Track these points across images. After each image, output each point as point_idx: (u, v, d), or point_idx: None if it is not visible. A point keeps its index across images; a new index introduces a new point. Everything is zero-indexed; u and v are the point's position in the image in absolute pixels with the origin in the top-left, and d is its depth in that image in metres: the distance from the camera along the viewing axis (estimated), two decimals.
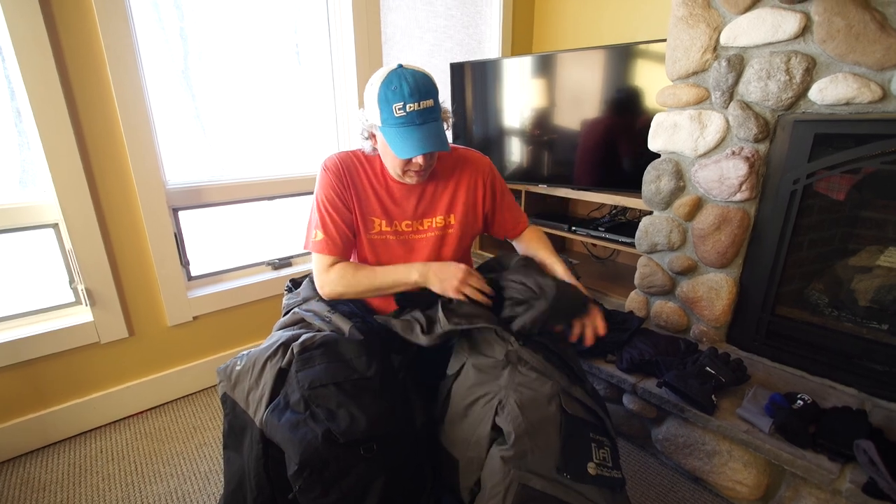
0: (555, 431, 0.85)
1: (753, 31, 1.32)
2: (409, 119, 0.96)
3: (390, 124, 0.98)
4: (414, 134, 0.96)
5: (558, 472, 0.82)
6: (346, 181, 1.09)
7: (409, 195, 1.13)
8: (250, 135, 1.89)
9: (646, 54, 1.77)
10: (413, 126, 0.96)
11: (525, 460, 0.83)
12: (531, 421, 0.85)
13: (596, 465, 0.83)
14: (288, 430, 0.84)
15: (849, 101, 1.20)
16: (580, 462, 0.83)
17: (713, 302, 1.56)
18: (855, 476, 1.06)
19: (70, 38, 1.36)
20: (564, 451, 0.83)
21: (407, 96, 0.95)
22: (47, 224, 1.48)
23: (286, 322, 1.11)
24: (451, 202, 1.15)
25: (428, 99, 0.97)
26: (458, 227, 1.16)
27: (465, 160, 1.19)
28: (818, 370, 1.41)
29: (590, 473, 0.82)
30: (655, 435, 1.45)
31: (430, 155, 1.03)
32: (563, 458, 0.83)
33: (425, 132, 0.97)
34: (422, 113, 0.96)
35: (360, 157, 1.13)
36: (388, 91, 0.96)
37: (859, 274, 1.46)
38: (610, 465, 0.86)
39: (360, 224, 1.11)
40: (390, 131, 0.98)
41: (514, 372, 0.92)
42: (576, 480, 0.81)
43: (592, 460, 0.84)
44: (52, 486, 1.39)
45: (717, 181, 1.47)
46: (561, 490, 0.81)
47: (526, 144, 2.23)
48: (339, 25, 1.97)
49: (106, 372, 1.63)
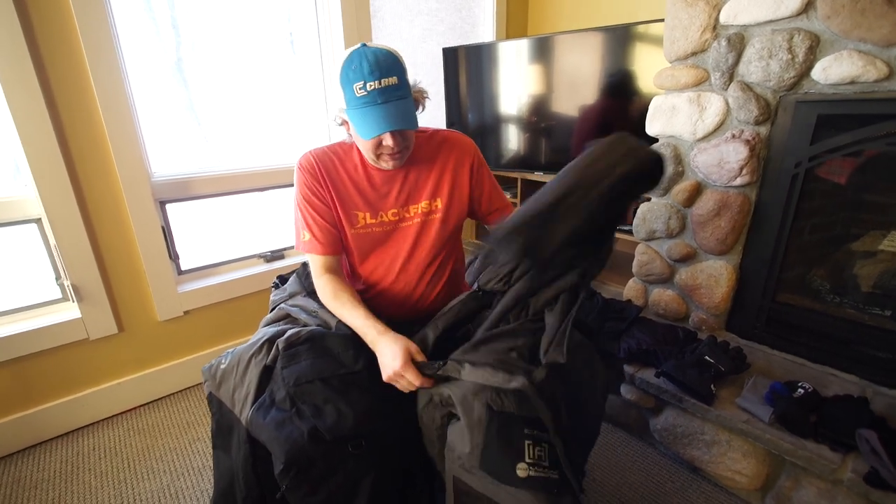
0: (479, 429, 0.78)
1: (754, 8, 1.26)
2: (370, 98, 0.91)
3: (353, 105, 0.94)
4: (376, 113, 0.92)
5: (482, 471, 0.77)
6: (321, 179, 1.05)
7: (391, 182, 1.08)
8: (245, 125, 1.85)
9: (645, 36, 1.72)
10: (374, 105, 0.92)
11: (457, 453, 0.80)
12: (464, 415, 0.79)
13: (528, 466, 0.75)
14: (273, 428, 0.81)
15: (853, 79, 1.16)
16: (506, 463, 0.75)
17: (712, 289, 1.53)
18: (857, 466, 1.04)
19: (45, 28, 1.31)
20: (486, 451, 0.77)
21: (367, 74, 0.90)
22: (30, 219, 1.45)
23: (272, 318, 1.08)
24: (437, 186, 1.10)
25: (390, 76, 0.92)
26: (443, 211, 1.11)
27: (449, 142, 1.14)
28: (819, 358, 1.39)
29: (518, 476, 0.74)
30: (654, 425, 1.43)
31: (402, 136, 0.98)
32: (483, 457, 0.77)
33: (389, 110, 0.92)
34: (384, 91, 0.92)
35: (337, 152, 1.09)
36: (350, 71, 0.92)
37: (862, 259, 1.42)
38: (546, 465, 0.76)
39: (343, 220, 1.07)
40: (354, 113, 0.94)
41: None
42: (501, 482, 0.75)
43: (524, 460, 0.75)
44: (44, 485, 1.38)
45: (716, 165, 1.43)
46: (491, 489, 0.76)
47: (522, 131, 2.18)
48: (328, 10, 1.91)
49: (96, 368, 1.61)
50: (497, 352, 0.82)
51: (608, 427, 1.57)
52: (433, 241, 1.10)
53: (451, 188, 1.11)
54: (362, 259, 1.11)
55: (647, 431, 1.46)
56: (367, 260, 1.11)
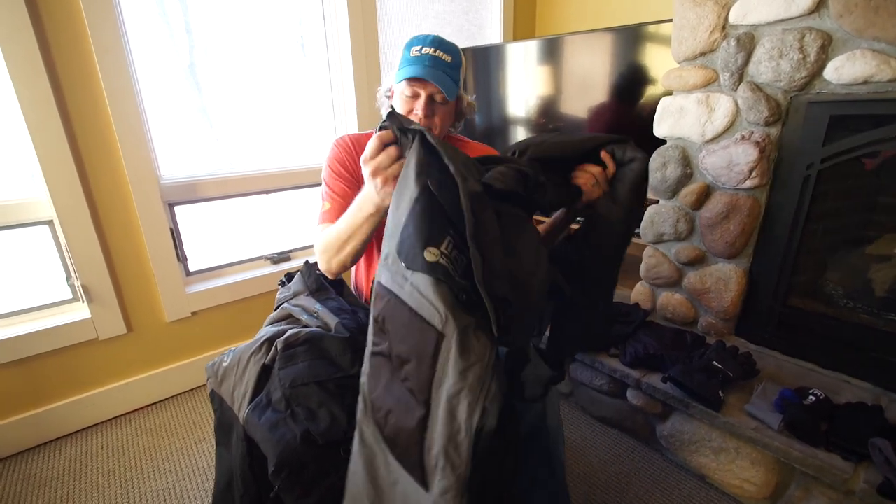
0: (406, 204, 0.67)
1: (764, 8, 1.24)
2: (421, 59, 1.00)
3: (404, 64, 1.02)
4: (418, 66, 0.99)
5: (397, 254, 0.67)
6: (356, 155, 1.09)
7: None
8: (256, 128, 1.87)
9: (655, 37, 1.70)
10: (420, 65, 1.00)
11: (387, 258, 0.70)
12: (400, 200, 0.69)
13: (439, 254, 0.64)
14: (267, 429, 0.82)
15: (867, 79, 1.13)
16: (417, 244, 0.65)
17: (721, 293, 1.51)
18: (869, 476, 1.01)
19: (57, 33, 1.34)
20: (404, 230, 0.66)
21: (427, 43, 1.00)
22: (42, 221, 1.48)
23: (275, 317, 1.08)
24: None
25: (446, 53, 1.01)
26: None
27: (477, 151, 1.19)
28: (831, 364, 1.35)
29: (425, 259, 0.63)
30: (660, 431, 1.40)
31: (432, 108, 1.03)
32: (400, 239, 0.67)
33: (429, 71, 0.99)
34: (435, 59, 1.00)
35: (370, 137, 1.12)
36: (415, 39, 1.02)
37: (877, 263, 1.39)
38: (458, 271, 0.65)
39: None
40: (401, 72, 1.01)
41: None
42: (409, 268, 0.65)
43: (438, 247, 0.64)
44: (53, 482, 1.40)
45: (725, 167, 1.41)
46: (398, 282, 0.66)
47: (531, 133, 2.17)
48: (335, 13, 1.92)
49: (105, 368, 1.63)
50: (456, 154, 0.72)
51: (613, 433, 1.55)
52: None
53: None
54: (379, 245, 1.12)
55: (654, 437, 1.44)
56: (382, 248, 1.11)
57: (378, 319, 0.70)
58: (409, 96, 1.04)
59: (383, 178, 0.78)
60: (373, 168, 0.78)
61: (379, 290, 0.69)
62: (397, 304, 0.66)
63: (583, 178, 0.89)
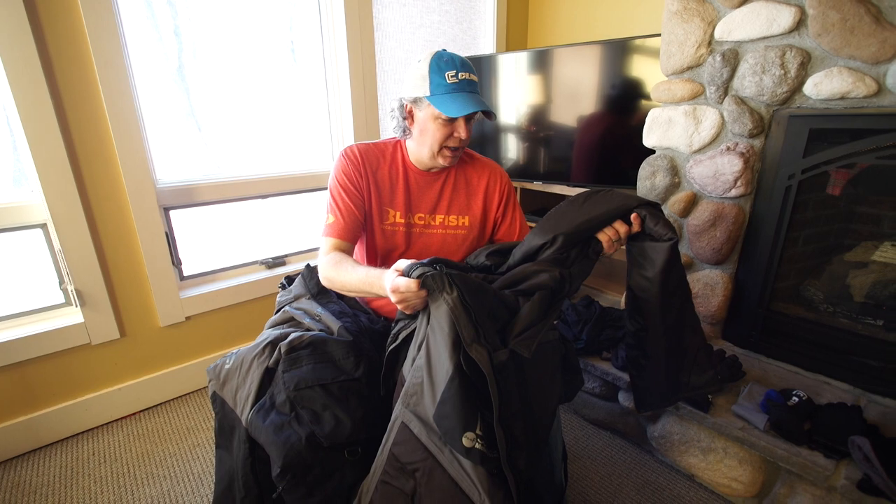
0: (442, 381, 0.76)
1: (748, 25, 1.30)
2: (461, 86, 1.02)
3: (442, 90, 1.02)
4: (465, 97, 1.02)
5: (435, 422, 0.76)
6: (362, 169, 1.10)
7: (428, 188, 1.15)
8: (245, 133, 1.87)
9: (642, 49, 1.76)
10: (464, 92, 1.02)
11: (414, 398, 0.79)
12: (432, 363, 0.79)
13: (475, 438, 0.74)
14: (272, 432, 0.83)
15: (844, 95, 1.19)
16: (457, 426, 0.74)
17: (709, 298, 1.56)
18: (850, 472, 1.06)
19: (56, 37, 1.34)
20: (441, 405, 0.75)
21: (459, 66, 1.03)
22: (35, 224, 1.47)
23: (277, 320, 1.10)
24: (466, 205, 1.18)
25: (474, 75, 1.05)
26: (465, 230, 1.17)
27: (487, 167, 1.22)
28: (813, 366, 1.41)
29: (463, 444, 0.73)
30: (651, 432, 1.44)
31: (469, 131, 1.06)
32: (438, 410, 0.76)
33: (474, 98, 1.03)
34: (471, 83, 1.04)
35: (382, 149, 1.15)
36: (441, 62, 1.02)
37: (854, 269, 1.45)
38: (489, 445, 0.75)
39: (375, 213, 1.12)
40: (442, 98, 1.02)
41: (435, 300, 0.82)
42: (447, 442, 0.75)
43: (473, 430, 0.74)
44: (43, 489, 1.38)
45: (711, 177, 1.46)
46: (435, 444, 0.76)
47: (522, 141, 2.22)
48: (331, 22, 1.95)
49: (98, 373, 1.62)
50: (486, 299, 0.80)
51: (605, 435, 1.58)
52: (450, 253, 1.16)
53: (478, 210, 1.18)
54: (385, 258, 1.15)
55: (645, 439, 1.48)
56: (389, 258, 1.15)
57: (403, 463, 0.79)
58: (448, 120, 1.04)
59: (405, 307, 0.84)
60: (400, 299, 0.82)
61: (407, 436, 0.78)
62: (436, 467, 0.76)
63: (605, 236, 0.91)
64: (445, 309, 0.76)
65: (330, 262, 1.03)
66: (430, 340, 0.79)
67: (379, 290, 0.89)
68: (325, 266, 1.03)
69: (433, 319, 0.79)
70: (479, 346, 0.74)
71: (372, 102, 2.09)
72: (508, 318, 0.82)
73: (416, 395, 0.79)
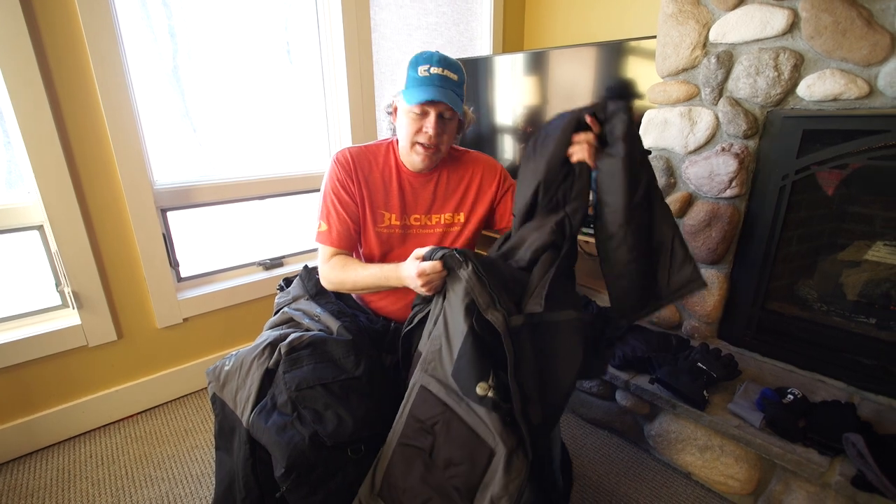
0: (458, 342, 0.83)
1: (742, 28, 1.32)
2: (430, 79, 1.01)
3: (412, 84, 1.02)
4: (430, 89, 1.00)
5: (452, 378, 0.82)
6: (354, 175, 1.10)
7: (422, 189, 1.15)
8: (241, 134, 1.87)
9: (637, 51, 1.77)
10: (432, 86, 1.01)
11: (432, 364, 0.85)
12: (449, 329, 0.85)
13: (488, 387, 0.79)
14: (275, 432, 0.83)
15: (836, 97, 1.21)
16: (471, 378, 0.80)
17: (704, 298, 1.57)
18: (844, 469, 1.07)
19: (52, 37, 1.33)
20: (459, 361, 0.82)
21: (434, 62, 1.01)
22: (32, 226, 1.46)
23: (276, 321, 1.10)
24: (461, 201, 1.18)
25: (453, 72, 1.03)
26: (462, 225, 1.18)
27: (480, 162, 1.21)
28: (808, 364, 1.42)
29: (477, 392, 0.79)
30: (648, 431, 1.45)
31: (442, 127, 1.05)
32: (456, 366, 0.82)
33: (441, 91, 1.01)
34: (444, 78, 1.01)
35: (374, 152, 1.15)
36: (420, 58, 1.03)
37: (847, 269, 1.47)
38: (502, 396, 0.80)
39: (369, 217, 1.12)
40: (409, 92, 1.02)
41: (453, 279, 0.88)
42: (463, 395, 0.81)
43: (486, 381, 0.80)
44: (41, 492, 1.37)
45: (707, 177, 1.48)
46: (453, 399, 0.82)
47: (518, 142, 2.23)
48: (329, 24, 1.95)
49: (95, 375, 1.61)
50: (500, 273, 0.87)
51: (603, 434, 1.59)
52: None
53: (473, 205, 1.18)
54: (383, 258, 1.15)
55: (642, 437, 1.49)
56: (386, 260, 1.15)
57: (423, 420, 0.84)
58: (419, 114, 1.04)
59: (429, 287, 0.90)
60: (424, 281, 0.88)
61: (426, 396, 0.84)
62: (453, 417, 0.82)
63: (579, 153, 0.90)
64: (462, 281, 0.83)
65: (335, 265, 1.05)
66: (447, 311, 0.86)
67: (395, 281, 0.97)
68: (329, 270, 1.05)
69: (450, 293, 0.86)
70: (496, 310, 0.79)
71: (369, 104, 2.10)
72: (522, 293, 0.88)
73: (434, 361, 0.85)
